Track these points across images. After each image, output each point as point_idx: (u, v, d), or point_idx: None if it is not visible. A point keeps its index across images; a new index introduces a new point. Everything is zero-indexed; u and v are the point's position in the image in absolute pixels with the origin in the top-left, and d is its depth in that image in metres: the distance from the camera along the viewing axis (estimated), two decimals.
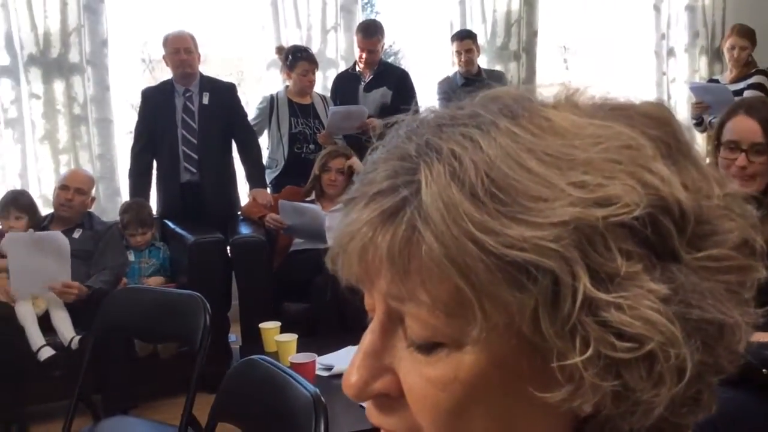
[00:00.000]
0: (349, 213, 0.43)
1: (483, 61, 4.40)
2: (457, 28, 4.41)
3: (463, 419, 0.41)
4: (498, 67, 4.53)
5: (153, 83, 4.26)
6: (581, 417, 0.42)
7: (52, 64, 3.85)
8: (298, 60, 3.78)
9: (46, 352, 2.83)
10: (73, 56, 3.88)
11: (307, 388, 1.43)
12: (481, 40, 4.39)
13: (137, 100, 3.87)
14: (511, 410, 0.41)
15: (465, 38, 4.14)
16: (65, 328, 2.92)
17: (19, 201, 3.18)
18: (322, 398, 1.40)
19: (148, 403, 3.03)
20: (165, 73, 5.04)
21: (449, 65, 4.43)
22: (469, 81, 4.13)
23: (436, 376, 0.41)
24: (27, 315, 2.89)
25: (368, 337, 0.44)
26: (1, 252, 3.02)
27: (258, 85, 4.49)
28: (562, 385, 0.39)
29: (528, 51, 4.68)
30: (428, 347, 0.41)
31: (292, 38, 4.20)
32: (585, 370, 0.38)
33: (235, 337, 3.68)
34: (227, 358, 3.43)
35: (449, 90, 4.13)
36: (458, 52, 4.12)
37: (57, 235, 2.96)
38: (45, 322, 2.93)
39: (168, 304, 2.16)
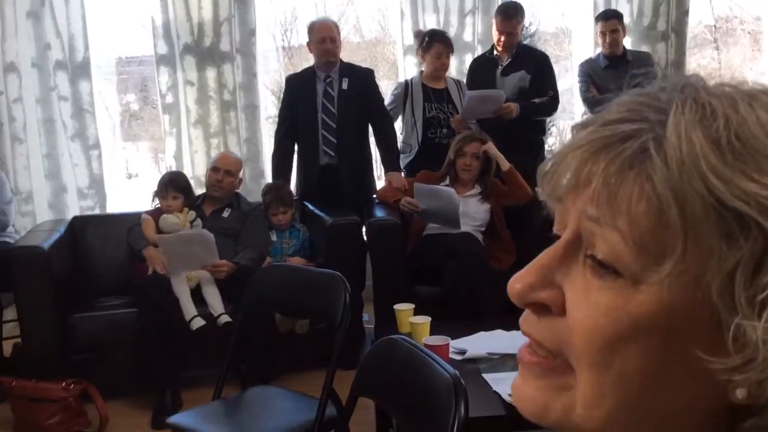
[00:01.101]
0: (577, 134, 0.45)
1: (628, 42, 4.21)
2: (601, 8, 4.24)
3: (617, 352, 0.42)
4: (644, 48, 4.32)
5: (291, 70, 4.41)
6: (730, 406, 0.41)
7: (205, 52, 4.10)
8: (433, 42, 3.78)
9: (198, 322, 3.03)
10: (224, 45, 4.12)
11: (447, 370, 1.45)
12: (627, 20, 4.20)
13: (275, 86, 4.04)
14: (666, 364, 0.41)
15: (610, 18, 3.98)
16: (215, 302, 3.12)
17: (176, 182, 3.40)
18: (461, 380, 1.41)
19: (283, 376, 3.18)
20: (302, 60, 5.22)
21: (591, 46, 4.29)
22: (613, 63, 3.97)
23: (604, 302, 0.42)
24: (181, 287, 3.10)
25: (548, 251, 0.45)
26: (161, 230, 3.27)
27: (391, 70, 4.55)
28: (730, 354, 0.39)
29: (677, 31, 4.42)
30: (606, 270, 0.42)
31: (429, 22, 4.22)
32: (764, 344, 0.38)
33: (368, 317, 3.78)
34: (360, 337, 3.54)
35: (591, 72, 3.99)
36: (602, 33, 3.96)
37: (203, 233, 3.12)
38: (197, 294, 3.14)
39: (311, 281, 2.25)
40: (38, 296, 2.98)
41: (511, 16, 3.82)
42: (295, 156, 3.86)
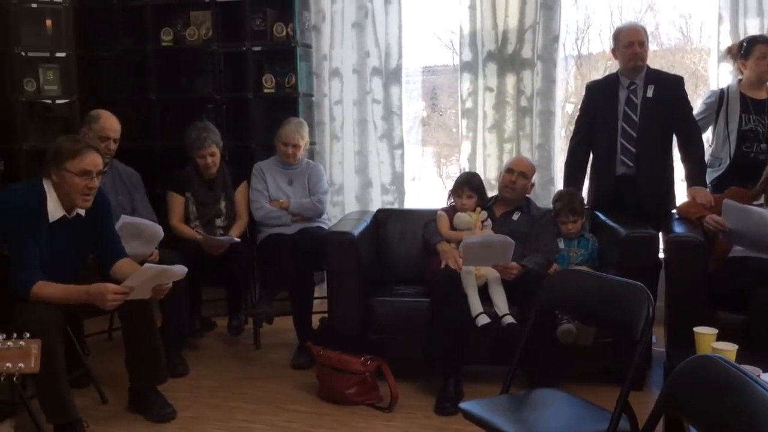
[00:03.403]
0: None
1: None
2: None
3: None
4: None
5: (579, 79, 4.34)
6: None
7: (506, 59, 4.23)
8: (754, 44, 3.47)
9: (483, 319, 3.12)
10: (526, 52, 4.19)
11: None
12: None
13: (562, 94, 3.96)
14: None
15: None
16: (500, 302, 3.18)
17: (472, 182, 3.54)
18: None
19: (562, 384, 3.12)
20: (591, 70, 5.07)
21: None
22: None
23: None
24: (470, 284, 3.22)
25: None
26: (455, 227, 3.44)
27: (690, 79, 4.23)
28: None
29: None
30: None
31: (751, 27, 3.86)
32: None
33: (656, 338, 3.57)
34: (647, 358, 3.35)
35: None
36: None
37: (506, 240, 3.16)
38: (483, 293, 3.23)
39: (610, 291, 2.17)
40: (347, 277, 3.31)
41: None
42: (589, 164, 3.78)
